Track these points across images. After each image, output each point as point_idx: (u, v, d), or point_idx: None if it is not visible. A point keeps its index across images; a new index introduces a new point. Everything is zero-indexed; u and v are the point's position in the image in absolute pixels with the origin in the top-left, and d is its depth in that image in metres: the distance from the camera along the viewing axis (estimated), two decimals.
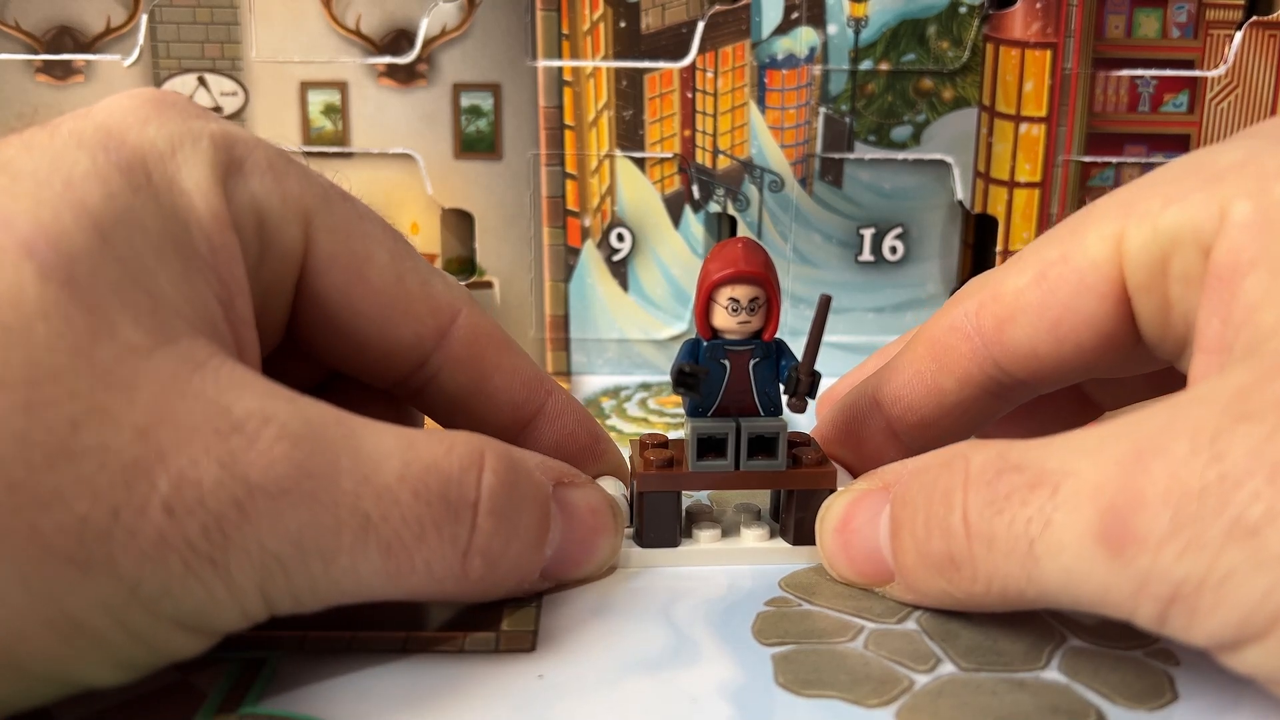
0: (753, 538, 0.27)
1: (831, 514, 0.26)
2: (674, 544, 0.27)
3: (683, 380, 0.26)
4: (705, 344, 0.26)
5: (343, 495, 0.20)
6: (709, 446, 0.27)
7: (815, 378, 0.26)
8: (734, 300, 0.26)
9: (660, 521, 0.27)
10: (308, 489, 0.20)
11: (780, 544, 0.27)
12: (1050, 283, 0.25)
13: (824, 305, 0.25)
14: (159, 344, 0.19)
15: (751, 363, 0.26)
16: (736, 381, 0.27)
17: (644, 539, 0.27)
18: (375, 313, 0.25)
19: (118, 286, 0.19)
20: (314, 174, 0.25)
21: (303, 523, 0.20)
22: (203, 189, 0.22)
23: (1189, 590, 0.19)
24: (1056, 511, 0.20)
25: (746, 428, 0.26)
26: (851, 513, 0.25)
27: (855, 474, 0.29)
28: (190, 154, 0.22)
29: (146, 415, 0.18)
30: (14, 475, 0.17)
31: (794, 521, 0.27)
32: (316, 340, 0.25)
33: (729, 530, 0.28)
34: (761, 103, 0.41)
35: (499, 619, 0.24)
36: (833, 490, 0.27)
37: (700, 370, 0.26)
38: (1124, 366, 0.26)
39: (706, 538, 0.27)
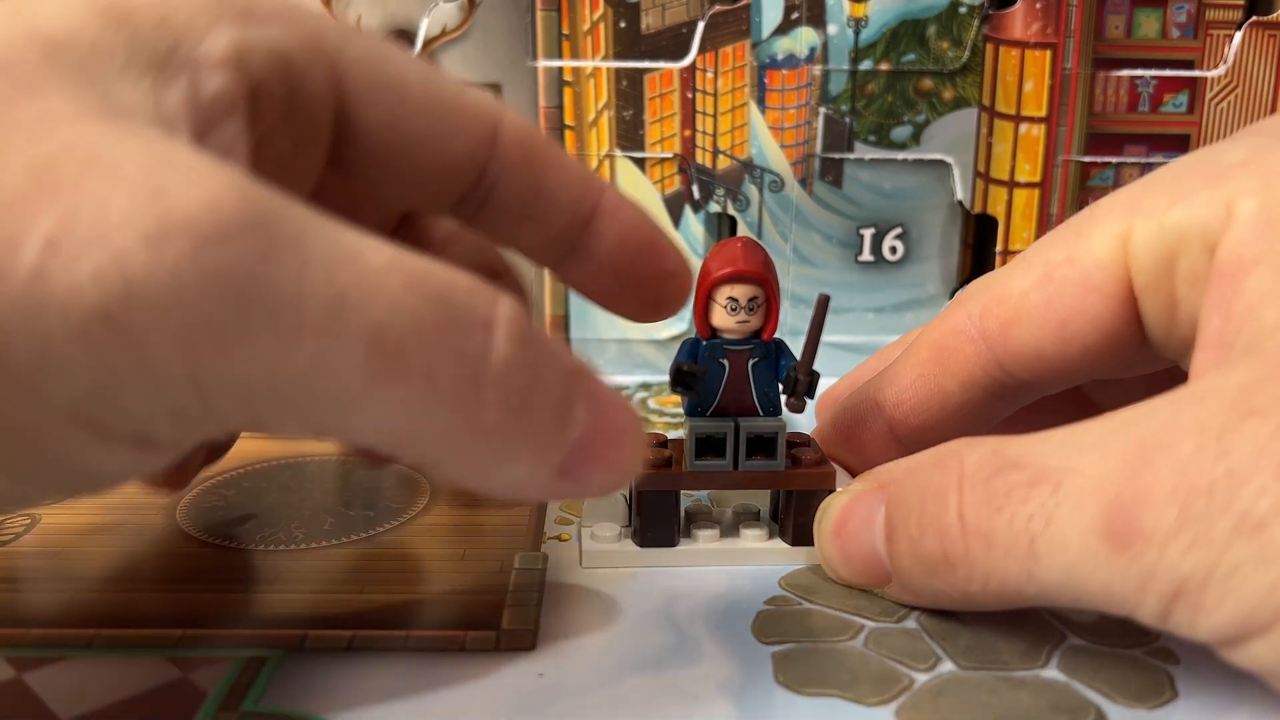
0: (752, 538, 0.28)
1: (828, 516, 0.26)
2: (672, 543, 0.27)
3: (681, 379, 0.26)
4: (704, 343, 0.26)
5: (311, 263, 0.16)
6: (707, 446, 0.27)
7: (814, 378, 0.26)
8: (733, 300, 0.26)
9: (659, 521, 0.27)
10: (264, 241, 0.16)
11: (779, 544, 0.27)
12: (1056, 284, 0.25)
13: (822, 305, 0.25)
14: (100, 120, 0.16)
15: (750, 362, 0.26)
16: (735, 381, 0.27)
17: (642, 538, 0.27)
18: (423, 134, 0.22)
19: (59, 81, 0.17)
20: (325, 13, 0.23)
21: (250, 279, 0.15)
22: (198, 28, 0.19)
23: (1194, 586, 0.19)
24: (1059, 508, 0.20)
25: (745, 427, 0.27)
26: (848, 514, 0.25)
27: (855, 476, 0.29)
28: (197, 5, 0.19)
29: (48, 155, 0.15)
30: None
31: (793, 522, 0.27)
32: (371, 179, 0.23)
33: (728, 530, 0.28)
34: (761, 103, 0.41)
35: (499, 618, 0.25)
36: (831, 491, 0.27)
37: (698, 369, 0.26)
38: (1128, 367, 0.26)
39: (706, 538, 0.27)
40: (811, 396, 0.26)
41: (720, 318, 0.26)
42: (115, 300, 0.15)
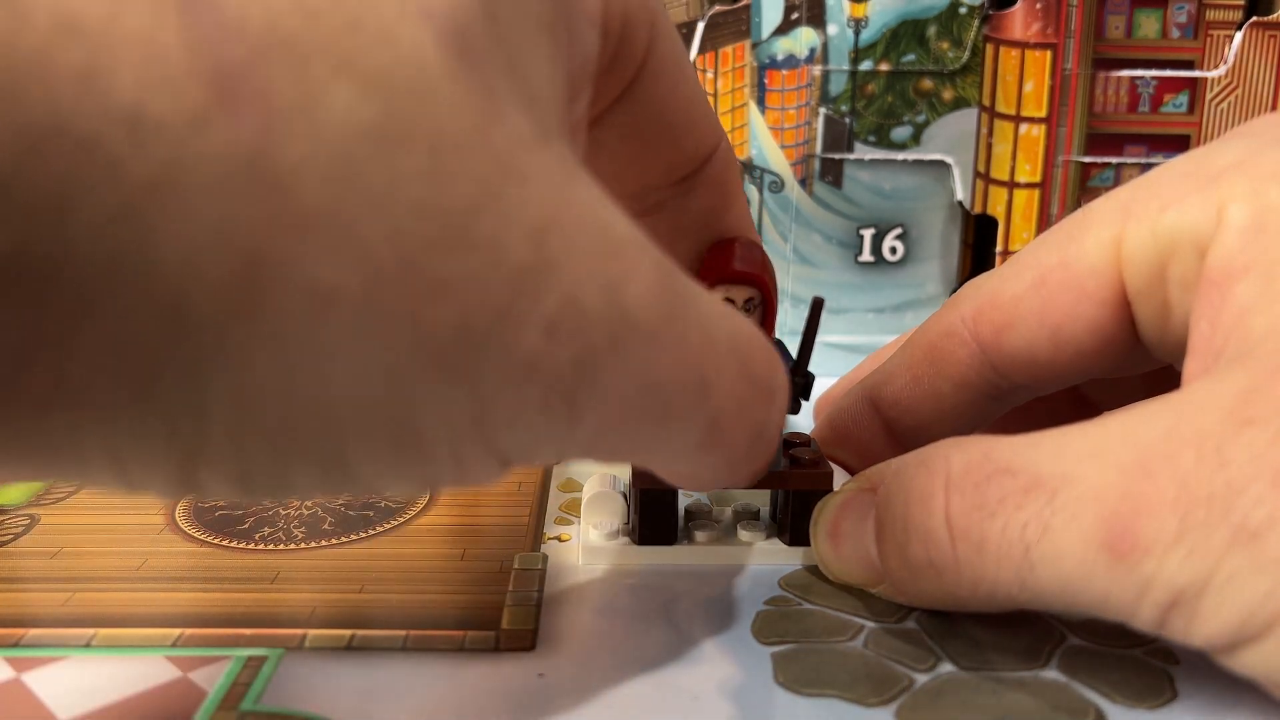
0: (751, 538, 0.28)
1: (823, 516, 0.26)
2: (671, 541, 0.27)
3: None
4: None
5: (693, 351, 0.18)
6: None
7: (809, 379, 0.26)
8: (729, 301, 0.26)
9: (657, 519, 0.27)
10: (672, 337, 0.18)
11: (778, 544, 0.27)
12: (1049, 289, 0.25)
13: (816, 307, 0.25)
14: (541, 139, 0.17)
15: None
16: None
17: (641, 537, 0.27)
18: (679, 122, 0.24)
19: (504, 69, 0.16)
20: None
21: (660, 371, 0.18)
22: None
23: (1191, 594, 0.19)
24: (1055, 517, 0.20)
25: None
26: (841, 515, 0.25)
27: (853, 475, 0.29)
28: None
29: (539, 216, 0.16)
30: (409, 250, 0.14)
31: (791, 522, 0.27)
32: (614, 138, 0.23)
33: (727, 530, 0.28)
34: (761, 103, 0.41)
35: (499, 618, 0.25)
36: (830, 491, 0.27)
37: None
38: (1122, 368, 0.26)
39: (705, 538, 0.27)
40: (807, 398, 0.26)
41: None
42: (581, 386, 0.17)
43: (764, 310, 0.26)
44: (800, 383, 0.26)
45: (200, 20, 0.13)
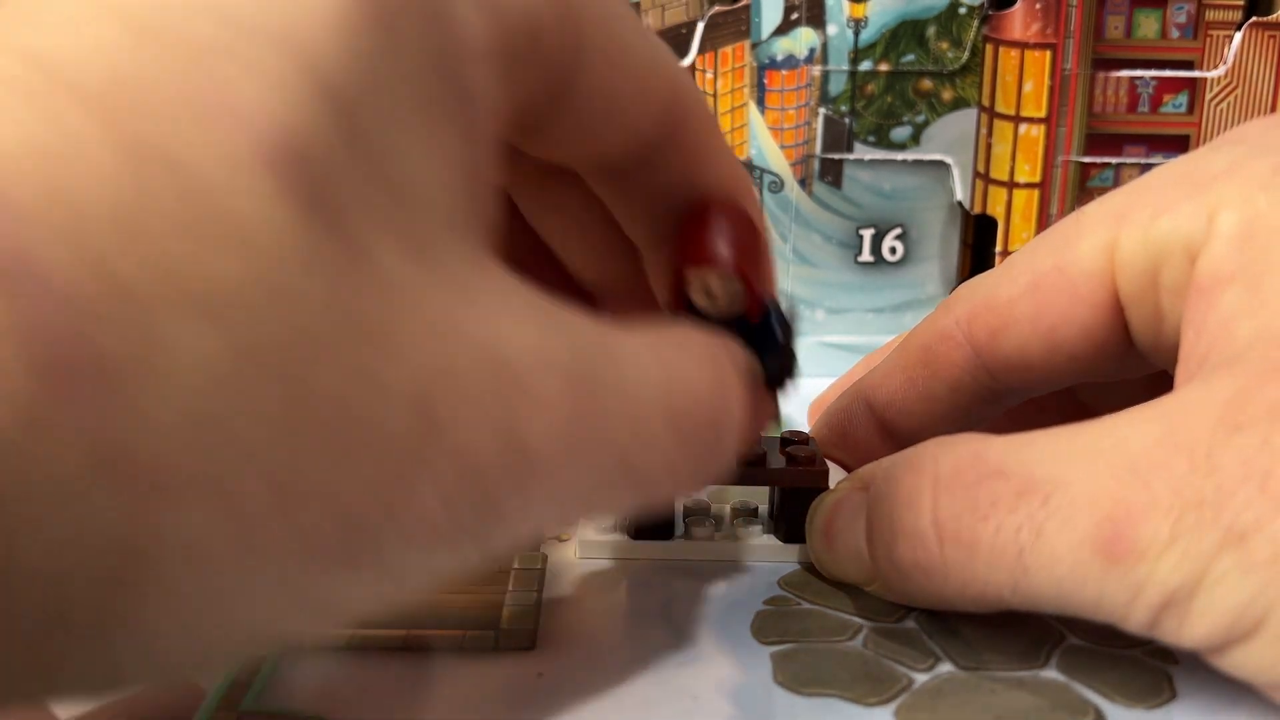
0: (749, 535, 0.28)
1: (818, 515, 0.26)
2: (668, 537, 0.27)
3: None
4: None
5: (612, 449, 0.18)
6: None
7: (793, 361, 0.25)
8: (706, 288, 0.25)
9: (654, 515, 0.27)
10: (584, 450, 0.17)
11: (775, 542, 0.27)
12: (1043, 293, 0.25)
13: (786, 318, 0.24)
14: (421, 270, 0.15)
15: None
16: None
17: (638, 530, 0.27)
18: (629, 101, 0.21)
19: (369, 197, 0.14)
20: None
21: (576, 489, 0.17)
22: (468, 18, 0.16)
23: (1183, 596, 0.19)
24: (1049, 521, 0.20)
25: None
26: (834, 514, 0.25)
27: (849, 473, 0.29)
28: None
29: (419, 380, 0.15)
30: (280, 478, 0.13)
31: (787, 520, 0.27)
32: (548, 136, 0.21)
33: (725, 527, 0.28)
34: (761, 103, 0.41)
35: (498, 617, 0.25)
36: (824, 488, 0.27)
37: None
38: (1116, 372, 0.26)
39: (702, 534, 0.27)
40: (792, 378, 0.25)
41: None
42: (488, 527, 0.16)
43: (746, 293, 0.24)
44: (784, 368, 0.25)
45: (24, 298, 0.11)
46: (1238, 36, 0.39)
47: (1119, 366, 0.26)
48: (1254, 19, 0.39)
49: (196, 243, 0.13)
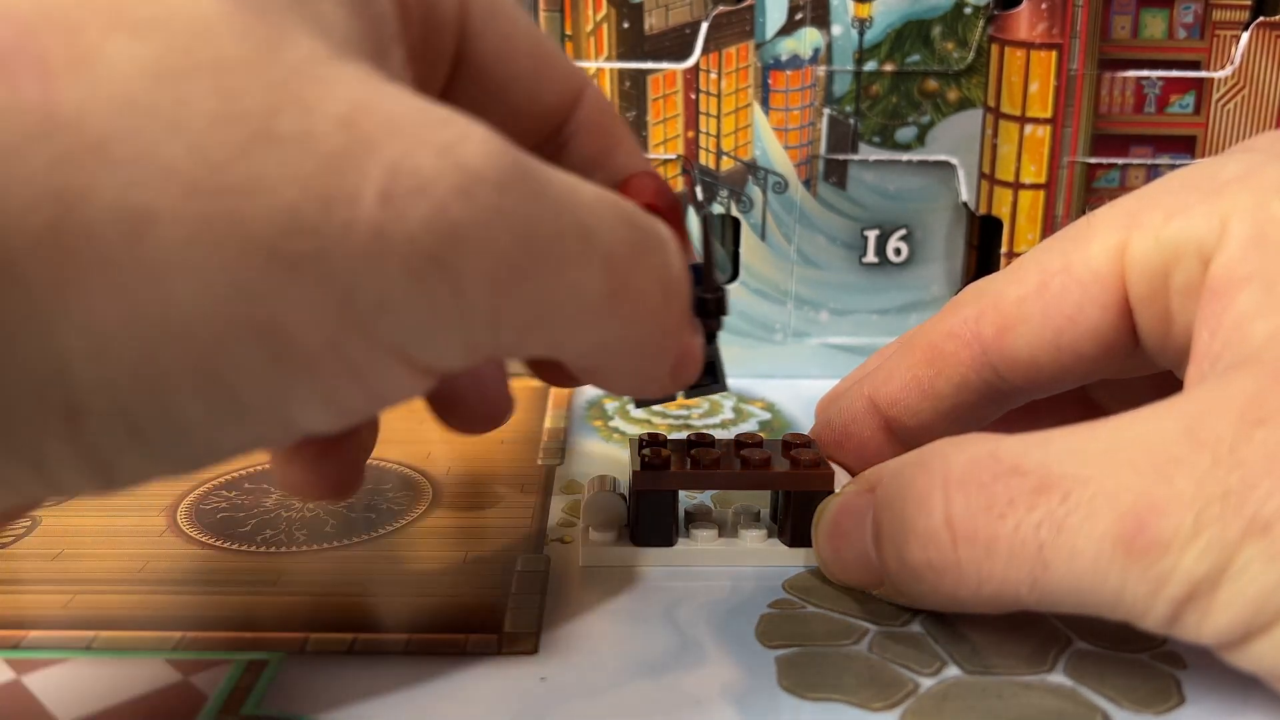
0: (752, 539, 0.27)
1: (824, 519, 0.26)
2: (670, 542, 0.27)
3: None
4: None
5: (561, 200, 0.18)
6: None
7: (721, 294, 0.25)
8: None
9: (657, 520, 0.27)
10: (529, 187, 0.18)
11: (779, 545, 0.27)
12: (1052, 293, 0.25)
13: (688, 177, 0.24)
14: (341, 58, 0.17)
15: None
16: None
17: (640, 537, 0.27)
18: (524, 76, 0.24)
19: (288, 10, 0.17)
20: None
21: (532, 220, 0.18)
22: None
23: (1206, 588, 0.19)
24: (1070, 517, 0.20)
25: None
26: (840, 516, 0.25)
27: (853, 476, 0.29)
28: None
29: (347, 106, 0.16)
30: (213, 157, 0.15)
31: (791, 523, 0.27)
32: (464, 108, 0.23)
33: (728, 531, 0.28)
34: (765, 104, 0.41)
35: (501, 620, 0.24)
36: (829, 492, 0.27)
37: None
38: (1122, 372, 0.26)
39: (706, 539, 0.27)
40: (725, 313, 0.25)
41: None
42: (444, 245, 0.16)
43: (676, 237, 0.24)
44: (714, 299, 0.25)
45: None
46: (1245, 36, 0.39)
47: (1125, 367, 0.26)
48: (1261, 19, 0.39)
49: None
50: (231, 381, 0.16)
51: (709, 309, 0.24)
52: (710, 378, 0.26)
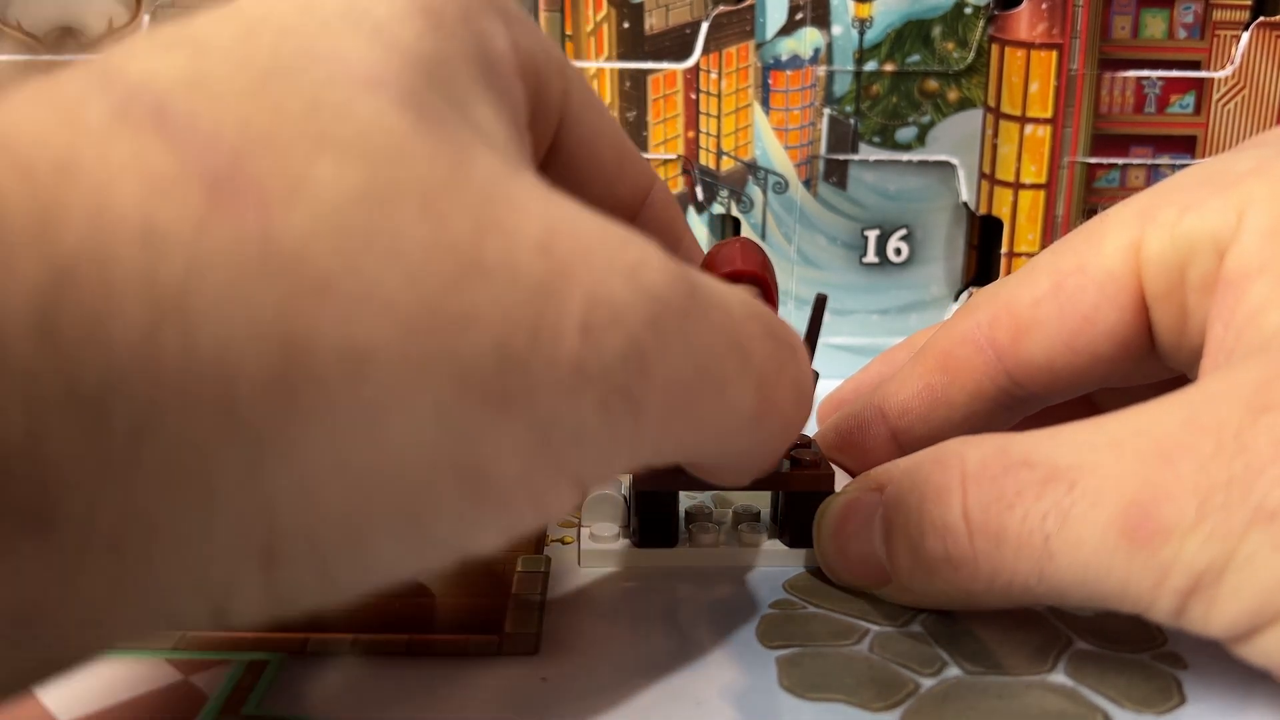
0: (752, 540, 0.27)
1: (827, 518, 0.26)
2: (671, 544, 0.27)
3: None
4: None
5: (720, 321, 0.19)
6: None
7: (813, 377, 0.26)
8: None
9: (657, 522, 0.27)
10: (701, 311, 0.18)
11: (780, 546, 0.27)
12: (1067, 294, 0.25)
13: (820, 304, 0.25)
14: (513, 171, 0.17)
15: None
16: None
17: (640, 539, 0.27)
18: (609, 167, 0.24)
19: (460, 121, 0.17)
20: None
21: (703, 344, 0.18)
22: (494, 33, 0.20)
23: (1210, 579, 0.19)
24: (1075, 506, 0.20)
25: None
26: (846, 515, 0.25)
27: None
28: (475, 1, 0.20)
29: (540, 229, 0.16)
30: (428, 289, 0.15)
31: (793, 524, 0.27)
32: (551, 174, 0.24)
33: (728, 532, 0.28)
34: (766, 104, 0.41)
35: (502, 621, 0.24)
36: (831, 492, 0.27)
37: None
38: (1136, 377, 0.26)
39: (707, 540, 0.27)
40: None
41: None
42: (634, 376, 0.17)
43: (766, 298, 0.26)
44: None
45: (180, 139, 0.14)
46: (1245, 36, 0.39)
47: (1140, 370, 0.25)
48: (1261, 19, 0.39)
49: (321, 114, 0.15)
50: (428, 522, 0.16)
51: None
52: None
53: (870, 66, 0.40)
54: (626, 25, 0.40)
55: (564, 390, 0.16)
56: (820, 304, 0.25)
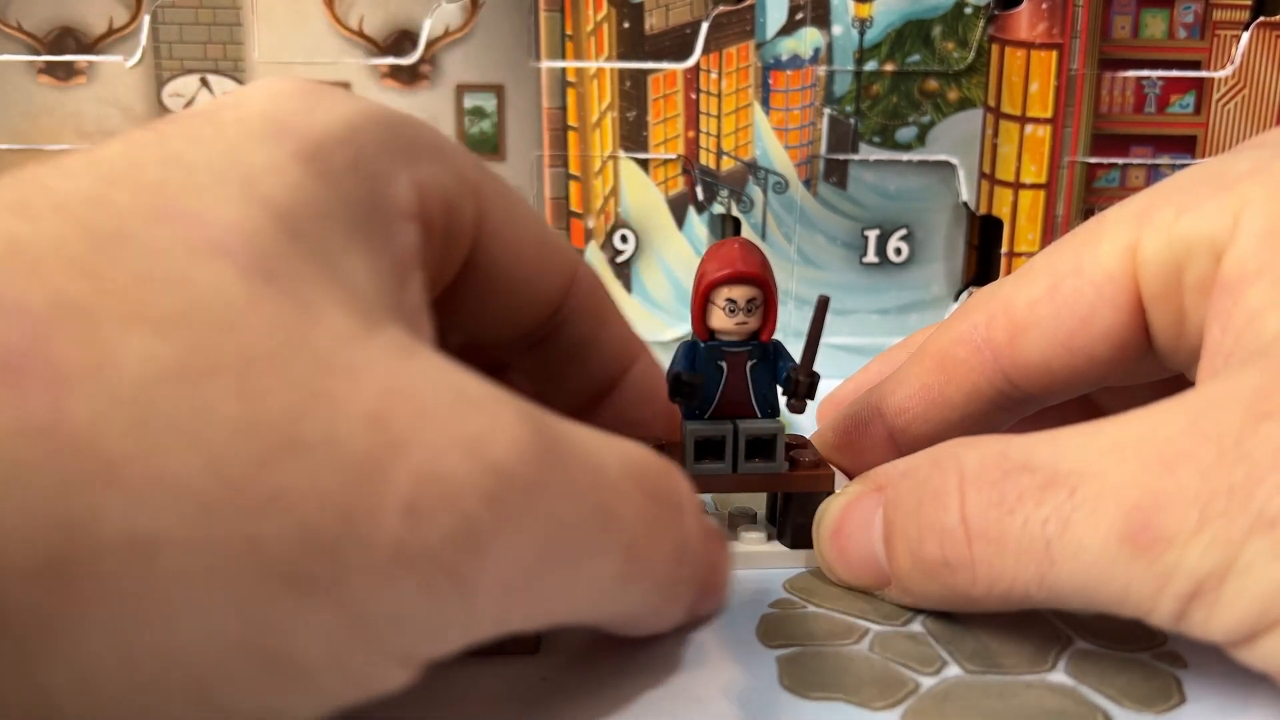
0: (751, 540, 0.27)
1: (827, 518, 0.26)
2: None
3: (679, 389, 0.26)
4: (702, 346, 0.26)
5: (584, 486, 0.18)
6: (706, 449, 0.27)
7: (814, 379, 0.26)
8: (731, 301, 0.25)
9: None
10: (556, 479, 0.17)
11: (778, 547, 0.27)
12: (1064, 295, 0.25)
13: (822, 306, 0.25)
14: (368, 331, 0.17)
15: (749, 364, 0.26)
16: (734, 383, 0.26)
17: None
18: (529, 266, 0.24)
19: (315, 278, 0.17)
20: (458, 143, 0.24)
21: (554, 520, 0.17)
22: (386, 173, 0.20)
23: (1211, 585, 0.19)
24: (1076, 512, 0.20)
25: (744, 430, 0.26)
26: (846, 517, 0.25)
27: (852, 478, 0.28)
28: (369, 138, 0.20)
29: (375, 400, 0.16)
30: (231, 473, 0.14)
31: (791, 524, 0.27)
32: (468, 306, 0.24)
33: (727, 533, 0.28)
34: (766, 104, 0.41)
35: None
36: (830, 492, 0.27)
37: (697, 379, 0.26)
38: (1134, 377, 0.26)
39: None
40: (812, 398, 0.26)
41: (719, 320, 0.26)
42: (465, 559, 0.16)
43: (765, 310, 0.26)
44: (806, 383, 0.26)
45: None
46: (1245, 36, 0.39)
47: (1137, 371, 0.25)
48: (1261, 19, 0.39)
49: (149, 285, 0.15)
50: (226, 704, 0.15)
51: (799, 391, 0.25)
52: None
53: (870, 66, 0.40)
54: (626, 25, 0.40)
55: (379, 575, 0.15)
56: (822, 306, 0.25)
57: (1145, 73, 0.40)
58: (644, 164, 0.42)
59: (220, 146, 0.18)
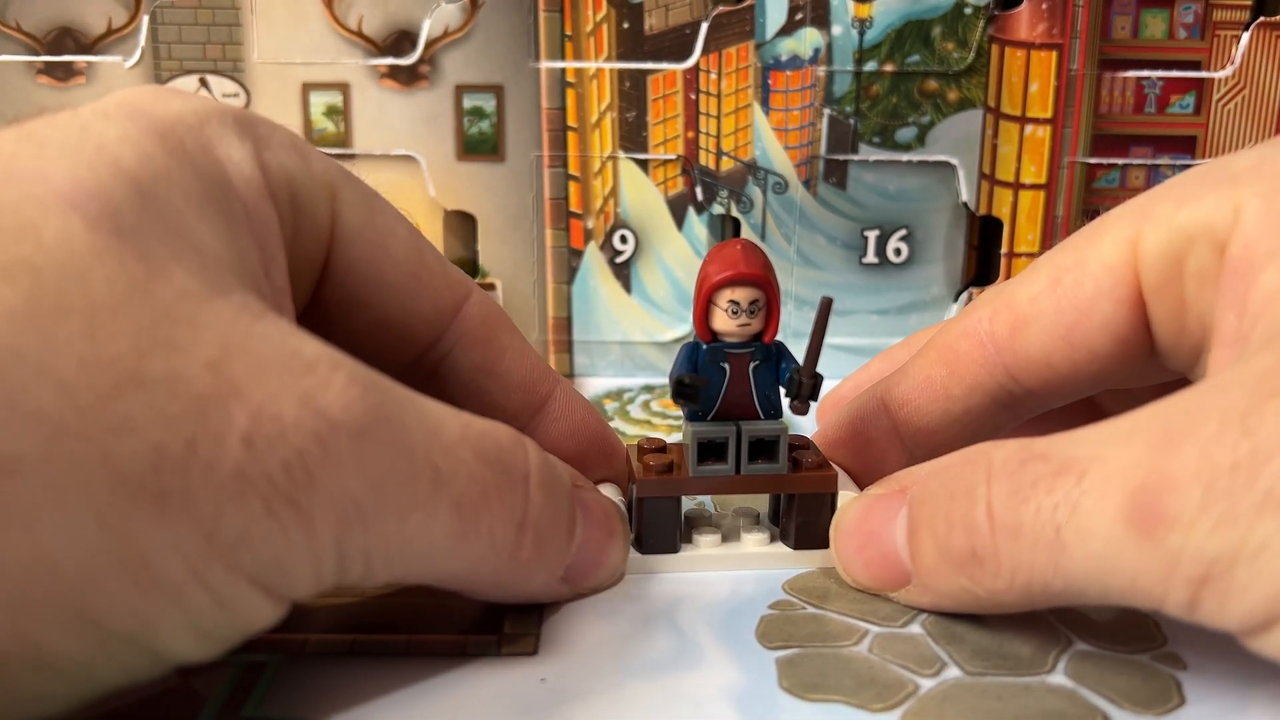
0: (753, 542, 0.27)
1: (846, 520, 0.25)
2: (674, 549, 0.27)
3: (681, 391, 0.26)
4: (705, 347, 0.26)
5: (416, 445, 0.20)
6: (709, 451, 0.27)
7: (817, 380, 0.26)
8: (734, 303, 0.25)
9: (660, 527, 0.27)
10: (385, 434, 0.19)
11: (781, 548, 0.27)
12: (1065, 288, 0.25)
13: (825, 307, 0.25)
14: (215, 292, 0.18)
15: (751, 365, 0.26)
16: (736, 385, 0.26)
17: (643, 545, 0.27)
18: (398, 285, 0.25)
19: (165, 238, 0.18)
20: (328, 156, 0.25)
21: (382, 467, 0.19)
22: (236, 157, 0.21)
23: (1221, 568, 0.18)
24: (1084, 496, 0.20)
25: (747, 431, 0.26)
26: (866, 517, 0.25)
27: (858, 478, 0.28)
28: (219, 126, 0.22)
29: (215, 350, 0.18)
30: (81, 400, 0.16)
31: (795, 525, 0.27)
32: (337, 317, 0.25)
33: (729, 535, 0.28)
34: (765, 104, 0.41)
35: (501, 622, 0.24)
36: (833, 493, 0.27)
37: (699, 380, 0.26)
38: (1134, 378, 0.26)
39: (707, 543, 0.27)
40: (815, 399, 0.26)
41: (721, 321, 0.26)
42: (300, 488, 0.18)
43: (768, 312, 0.26)
44: (809, 384, 0.26)
45: None
46: (1245, 36, 0.39)
47: (1137, 370, 0.25)
48: (1262, 19, 0.39)
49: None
50: (99, 616, 0.17)
51: (802, 392, 0.25)
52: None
53: (870, 66, 0.40)
54: (626, 25, 0.40)
55: (226, 493, 0.17)
56: (826, 307, 0.25)
57: (1145, 73, 0.40)
58: (643, 164, 0.42)
59: (75, 126, 0.20)
